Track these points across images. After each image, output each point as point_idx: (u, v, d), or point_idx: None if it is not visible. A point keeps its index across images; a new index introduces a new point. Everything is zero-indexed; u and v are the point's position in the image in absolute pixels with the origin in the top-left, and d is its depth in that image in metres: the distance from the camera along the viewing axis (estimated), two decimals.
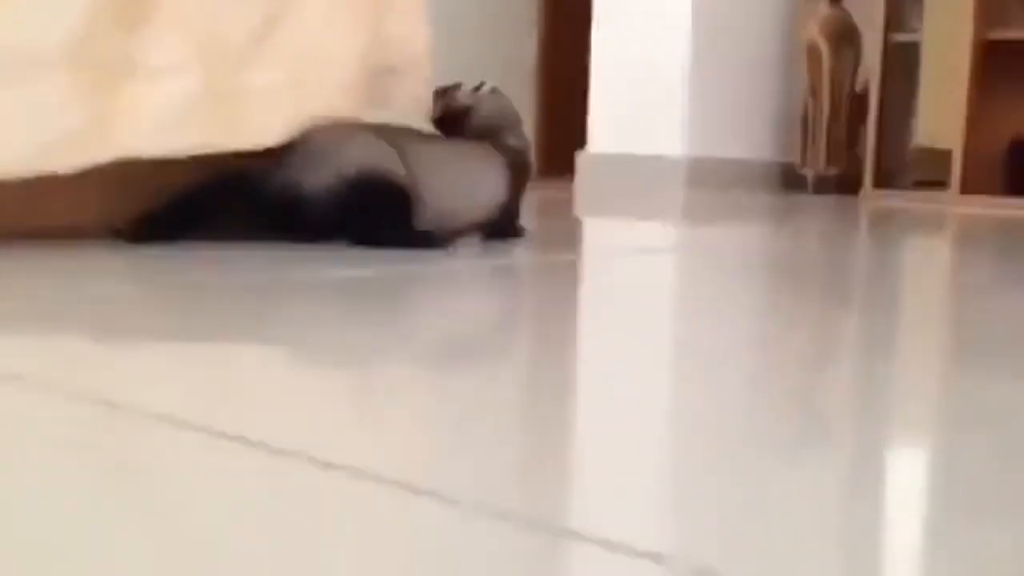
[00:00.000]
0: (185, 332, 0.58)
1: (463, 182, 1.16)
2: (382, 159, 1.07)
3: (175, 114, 0.98)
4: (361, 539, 0.28)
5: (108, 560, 0.25)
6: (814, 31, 3.62)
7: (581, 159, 3.69)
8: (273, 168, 1.05)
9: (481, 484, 0.33)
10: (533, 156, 1.34)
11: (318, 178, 1.03)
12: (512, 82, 5.17)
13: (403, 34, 1.24)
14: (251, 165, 1.05)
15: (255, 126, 1.05)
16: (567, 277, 0.97)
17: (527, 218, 1.29)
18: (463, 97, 1.25)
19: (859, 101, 3.69)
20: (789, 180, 3.88)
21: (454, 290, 0.83)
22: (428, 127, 1.24)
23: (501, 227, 1.22)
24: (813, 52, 3.65)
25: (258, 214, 1.05)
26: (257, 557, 0.26)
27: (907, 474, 0.37)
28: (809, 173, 3.73)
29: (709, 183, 3.52)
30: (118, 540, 0.26)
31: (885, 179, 3.48)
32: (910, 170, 3.48)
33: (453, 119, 1.23)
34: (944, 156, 3.22)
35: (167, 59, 0.98)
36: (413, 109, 1.28)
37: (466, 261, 1.02)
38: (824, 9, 3.60)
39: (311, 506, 0.30)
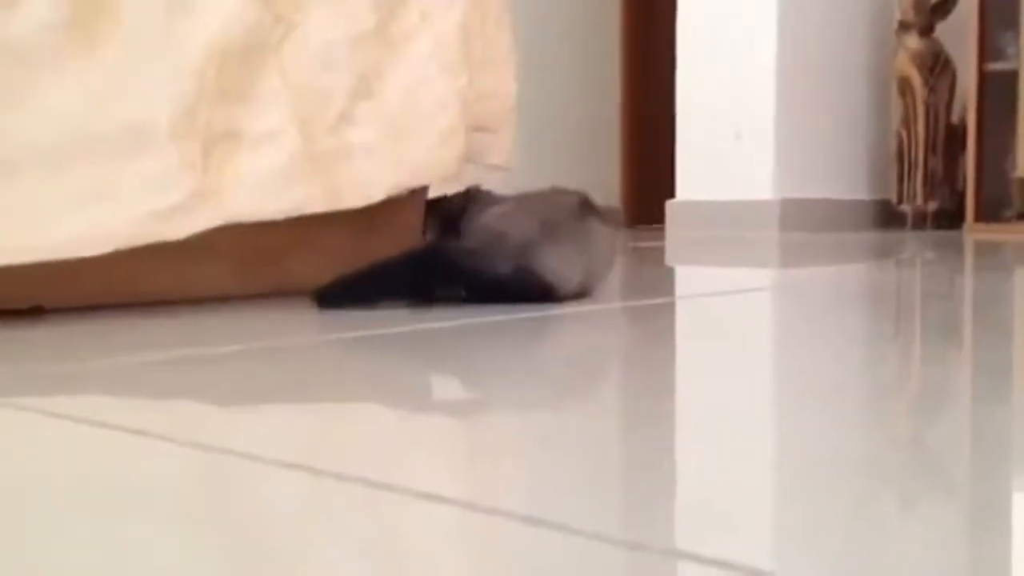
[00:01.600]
0: (301, 388, 0.59)
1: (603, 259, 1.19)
2: (567, 272, 1.07)
3: (277, 178, 1.01)
4: (476, 568, 0.27)
5: None
6: (906, 63, 3.55)
7: (670, 207, 3.67)
8: (461, 249, 1.08)
9: (594, 511, 0.32)
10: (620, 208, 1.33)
11: (501, 267, 1.05)
12: (597, 132, 5.21)
13: (493, 91, 1.26)
14: (440, 245, 1.09)
15: (357, 184, 1.07)
16: (665, 317, 0.96)
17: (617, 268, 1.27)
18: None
19: (955, 133, 3.59)
20: (886, 217, 3.80)
21: (569, 330, 0.83)
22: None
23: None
24: (905, 85, 3.58)
25: (438, 288, 1.07)
26: None
27: None
28: (907, 209, 3.63)
29: (803, 225, 3.46)
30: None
31: (988, 212, 3.37)
32: (1014, 202, 3.37)
33: (463, 198, 1.25)
34: None
35: (267, 125, 1.01)
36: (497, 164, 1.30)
37: (572, 308, 1.02)
38: (914, 40, 3.54)
39: (426, 537, 0.30)
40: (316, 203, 1.03)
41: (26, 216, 0.86)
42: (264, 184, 1.00)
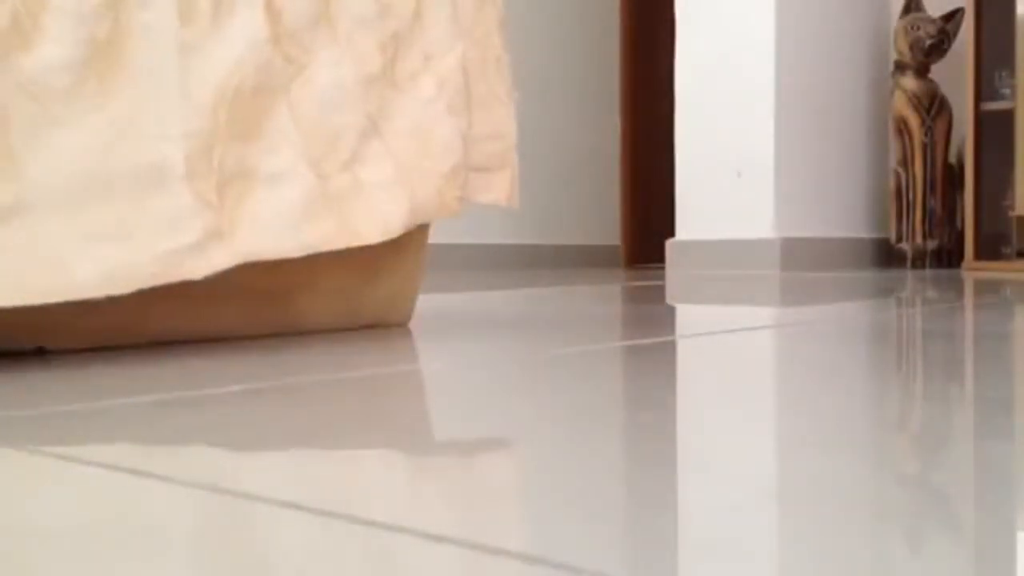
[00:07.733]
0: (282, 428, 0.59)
1: None
2: None
3: (293, 215, 1.02)
4: None
5: None
6: (903, 104, 3.59)
7: (670, 246, 3.68)
8: None
9: (592, 552, 0.32)
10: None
11: None
12: (597, 172, 5.24)
13: (494, 131, 1.27)
14: None
15: (373, 220, 1.07)
16: (667, 356, 0.96)
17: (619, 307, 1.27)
18: None
19: (953, 172, 3.62)
20: (885, 256, 3.81)
21: (572, 370, 0.83)
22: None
23: None
24: (903, 125, 3.62)
25: None
26: None
27: None
28: (906, 247, 3.65)
29: (803, 264, 3.47)
30: None
31: (987, 250, 3.38)
32: (1013, 240, 3.38)
33: None
34: None
35: (279, 164, 1.02)
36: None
37: (571, 347, 1.02)
38: (911, 82, 3.58)
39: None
40: (333, 240, 1.04)
41: (42, 256, 0.86)
42: (281, 222, 1.01)
